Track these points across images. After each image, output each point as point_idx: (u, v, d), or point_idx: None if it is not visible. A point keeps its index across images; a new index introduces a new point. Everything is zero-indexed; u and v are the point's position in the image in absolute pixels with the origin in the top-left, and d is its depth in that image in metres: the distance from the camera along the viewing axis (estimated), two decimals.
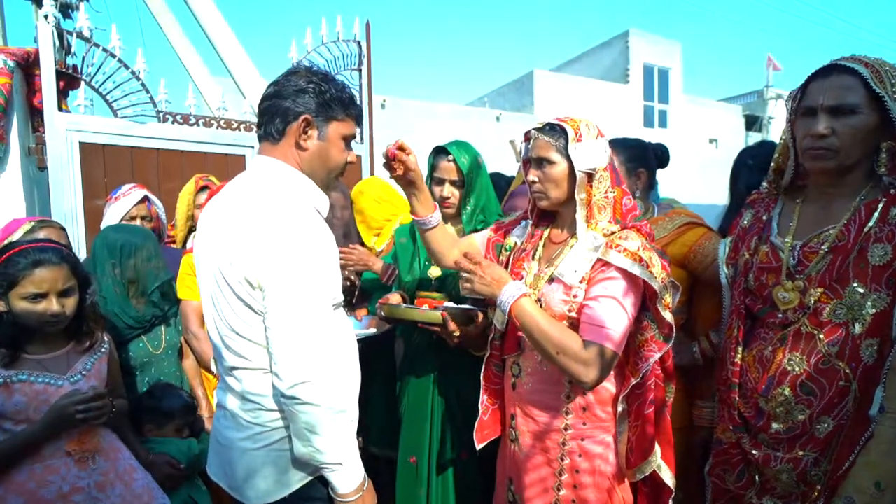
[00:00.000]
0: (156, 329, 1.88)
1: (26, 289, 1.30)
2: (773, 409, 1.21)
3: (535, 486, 1.36)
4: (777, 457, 1.20)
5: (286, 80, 1.18)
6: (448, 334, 1.53)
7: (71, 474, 1.32)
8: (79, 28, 2.74)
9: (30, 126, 2.97)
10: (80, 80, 2.79)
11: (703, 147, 15.51)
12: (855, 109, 1.12)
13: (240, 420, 1.18)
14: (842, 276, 1.15)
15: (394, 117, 10.80)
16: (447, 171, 1.78)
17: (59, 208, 2.70)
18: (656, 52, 14.96)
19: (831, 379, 1.14)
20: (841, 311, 1.14)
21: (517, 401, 1.40)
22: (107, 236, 1.82)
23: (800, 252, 1.22)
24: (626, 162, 1.80)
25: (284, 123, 1.17)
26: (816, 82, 1.18)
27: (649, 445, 1.27)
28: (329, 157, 1.22)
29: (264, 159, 1.20)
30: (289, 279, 1.08)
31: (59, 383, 1.34)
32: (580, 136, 1.28)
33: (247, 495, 1.18)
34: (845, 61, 1.15)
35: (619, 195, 1.31)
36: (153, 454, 1.64)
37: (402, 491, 1.83)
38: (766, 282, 1.26)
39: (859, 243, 1.14)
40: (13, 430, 1.28)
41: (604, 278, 1.23)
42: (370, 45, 3.73)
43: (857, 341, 1.12)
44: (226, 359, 1.20)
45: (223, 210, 1.18)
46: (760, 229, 1.34)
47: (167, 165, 3.02)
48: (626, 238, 1.24)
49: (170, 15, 4.93)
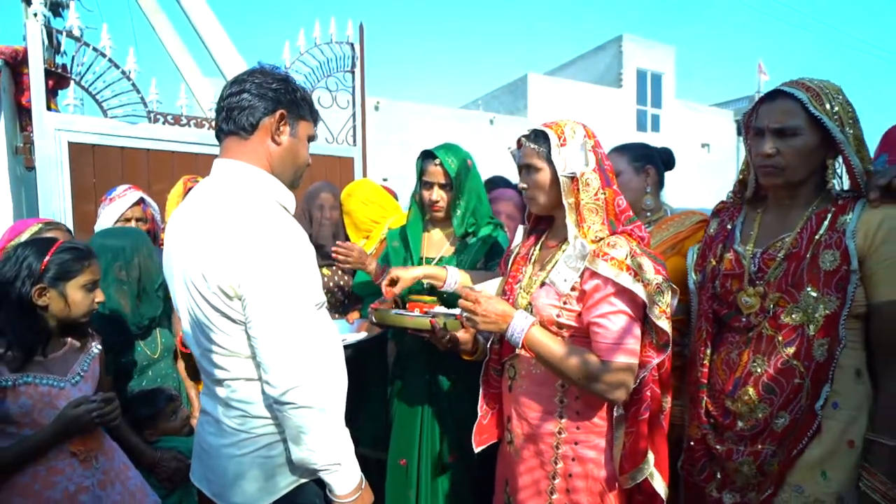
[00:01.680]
0: (153, 333, 1.88)
1: (87, 277, 1.38)
2: (738, 409, 1.28)
3: (528, 489, 1.36)
4: (739, 451, 1.28)
5: (252, 78, 1.16)
6: (437, 340, 1.54)
7: (76, 474, 1.32)
8: (69, 27, 2.71)
9: (17, 125, 2.93)
10: (70, 79, 2.76)
11: (695, 151, 15.62)
12: (797, 131, 1.22)
13: (224, 427, 1.17)
14: (797, 282, 1.22)
15: (387, 119, 10.80)
16: (435, 174, 1.79)
17: (47, 209, 2.66)
18: (650, 57, 15.07)
19: (789, 377, 1.22)
20: (797, 313, 1.22)
21: (513, 402, 1.41)
22: (104, 242, 1.80)
23: (760, 259, 1.29)
24: (632, 161, 1.81)
25: (257, 118, 1.15)
26: (764, 105, 1.28)
27: (642, 452, 1.26)
28: (298, 155, 1.22)
29: (227, 163, 1.16)
30: (268, 284, 1.05)
31: (62, 385, 1.34)
32: (564, 141, 1.30)
33: (230, 501, 1.17)
34: (787, 86, 1.25)
35: (610, 196, 1.31)
36: (160, 450, 1.67)
37: (392, 493, 1.83)
38: (731, 287, 1.33)
39: (811, 250, 1.22)
40: (17, 434, 1.27)
41: (606, 295, 1.22)
42: (363, 47, 3.72)
43: (810, 341, 1.20)
44: (207, 369, 1.18)
45: (190, 220, 1.15)
46: (724, 237, 1.42)
47: (158, 166, 2.99)
48: (615, 245, 1.23)
49: (162, 14, 4.89)
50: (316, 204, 2.33)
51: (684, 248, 1.72)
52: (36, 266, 1.31)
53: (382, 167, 9.00)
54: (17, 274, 1.29)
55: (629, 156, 1.82)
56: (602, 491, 1.29)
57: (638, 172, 1.80)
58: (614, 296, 1.21)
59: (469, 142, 2.34)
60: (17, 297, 1.29)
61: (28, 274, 1.30)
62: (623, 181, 1.81)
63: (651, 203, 1.82)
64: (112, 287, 1.74)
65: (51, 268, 1.33)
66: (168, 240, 1.21)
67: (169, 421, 1.74)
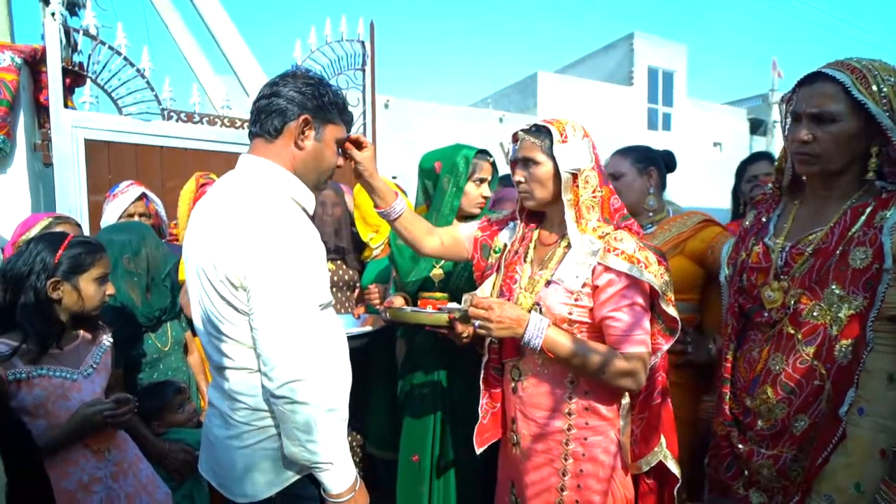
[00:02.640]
0: (163, 326, 1.91)
1: (99, 271, 1.41)
2: (757, 408, 1.25)
3: (537, 488, 1.36)
4: (760, 453, 1.24)
5: (284, 81, 1.19)
6: (456, 335, 1.52)
7: (90, 465, 1.35)
8: (85, 26, 2.75)
9: (36, 122, 2.99)
10: (86, 77, 2.80)
11: (707, 150, 15.47)
12: (835, 117, 1.14)
13: (227, 418, 1.19)
14: (821, 279, 1.17)
15: (397, 117, 10.81)
16: (488, 170, 1.84)
17: (63, 204, 2.71)
18: (661, 55, 14.93)
19: (808, 378, 1.17)
20: (819, 312, 1.17)
21: (518, 404, 1.40)
22: (111, 237, 1.84)
23: (788, 253, 1.24)
24: (635, 163, 1.84)
25: (282, 122, 1.18)
26: (803, 88, 1.20)
27: (656, 436, 1.29)
28: (323, 159, 1.23)
29: (251, 158, 1.20)
30: (273, 278, 1.07)
31: (74, 377, 1.37)
32: (565, 137, 1.30)
33: (235, 493, 1.19)
34: (829, 68, 1.16)
35: (606, 195, 1.34)
36: (169, 442, 1.69)
37: (404, 488, 1.85)
38: (756, 281, 1.29)
39: (842, 246, 1.15)
40: (31, 424, 1.28)
41: (619, 288, 1.24)
42: (374, 45, 3.74)
43: (832, 342, 1.14)
44: (213, 358, 1.20)
45: (208, 211, 1.18)
46: (759, 230, 1.37)
47: (171, 163, 3.04)
48: (621, 240, 1.26)
49: (175, 13, 4.95)
50: (318, 200, 2.36)
51: (686, 248, 1.75)
52: (49, 260, 1.33)
53: (391, 165, 9.03)
54: (32, 268, 1.31)
55: (632, 158, 1.85)
56: (613, 482, 1.31)
57: (641, 174, 1.83)
58: (627, 288, 1.24)
59: (478, 140, 2.34)
60: (33, 291, 1.31)
61: (42, 268, 1.32)
62: (626, 182, 1.84)
63: (654, 204, 1.85)
64: (122, 280, 1.77)
65: (63, 262, 1.35)
66: (188, 230, 1.24)
67: (176, 413, 1.77)
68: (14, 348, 1.27)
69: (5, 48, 2.74)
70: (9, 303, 1.31)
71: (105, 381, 1.47)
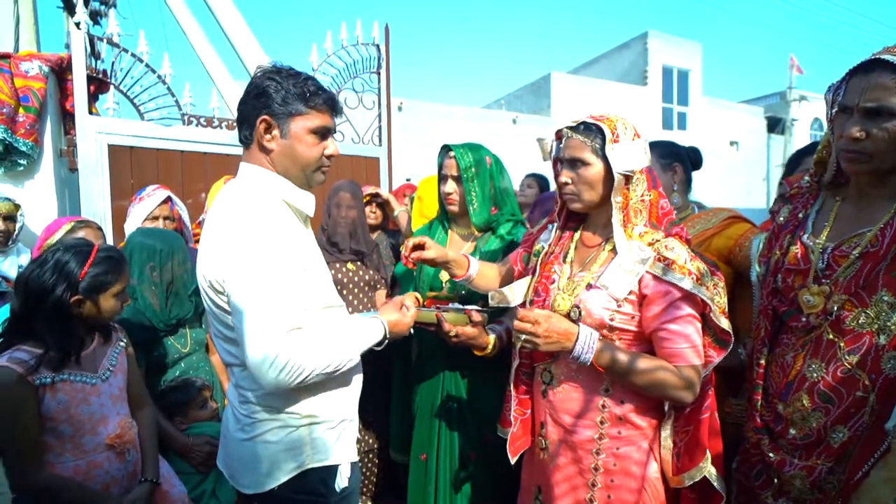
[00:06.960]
0: (181, 330, 1.93)
1: (119, 287, 1.42)
2: (790, 415, 1.18)
3: (565, 496, 1.31)
4: (793, 463, 1.18)
5: (248, 87, 1.20)
6: (444, 334, 1.51)
7: (113, 467, 1.39)
8: (108, 34, 2.82)
9: (62, 129, 3.07)
10: (109, 84, 2.87)
11: (723, 150, 15.28)
12: (894, 112, 1.01)
13: (235, 411, 1.24)
14: (870, 284, 1.08)
15: (410, 120, 10.87)
16: (449, 167, 1.83)
17: (88, 208, 2.78)
18: (676, 54, 14.80)
19: (850, 389, 1.09)
20: (865, 320, 1.08)
21: (548, 408, 1.35)
22: (143, 241, 1.85)
23: (830, 255, 1.14)
24: (659, 158, 1.80)
25: (250, 128, 1.20)
26: (856, 78, 1.06)
27: (701, 451, 1.23)
28: (297, 155, 1.20)
29: (242, 165, 1.24)
30: (244, 282, 1.08)
31: (93, 381, 1.39)
32: (617, 137, 1.22)
33: (240, 483, 1.24)
34: (891, 54, 1.01)
35: (655, 198, 1.27)
36: (192, 436, 1.73)
37: (413, 487, 1.86)
38: (793, 284, 1.20)
39: (894, 250, 1.05)
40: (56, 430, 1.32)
41: (672, 300, 1.19)
42: (389, 48, 3.77)
43: (879, 352, 1.06)
44: (222, 355, 1.26)
45: (209, 218, 1.23)
46: (795, 227, 1.26)
47: (191, 167, 3.09)
48: (672, 248, 1.20)
49: (193, 20, 5.04)
50: (334, 202, 2.41)
51: (712, 246, 1.68)
52: (74, 277, 1.34)
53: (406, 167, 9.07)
54: (56, 283, 1.32)
55: (657, 153, 1.79)
56: (644, 494, 1.25)
57: (665, 170, 1.79)
58: (680, 300, 1.18)
59: (492, 142, 2.36)
60: (55, 306, 1.32)
61: (67, 286, 1.33)
62: None
63: (678, 201, 1.80)
64: (144, 285, 1.80)
65: (88, 279, 1.35)
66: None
67: (199, 409, 1.81)
68: (39, 357, 1.30)
69: (34, 57, 2.83)
70: (29, 311, 1.33)
71: (124, 381, 1.49)
